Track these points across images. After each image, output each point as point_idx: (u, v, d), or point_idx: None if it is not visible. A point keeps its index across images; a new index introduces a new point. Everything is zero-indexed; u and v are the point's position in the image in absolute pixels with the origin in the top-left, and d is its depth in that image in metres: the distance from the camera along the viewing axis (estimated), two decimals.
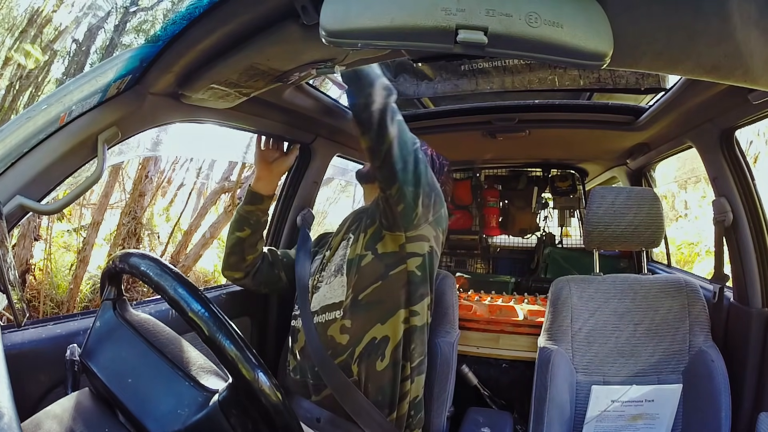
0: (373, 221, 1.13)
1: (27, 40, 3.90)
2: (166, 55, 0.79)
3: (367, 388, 1.05)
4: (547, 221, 2.72)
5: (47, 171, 0.77)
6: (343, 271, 1.11)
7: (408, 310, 1.08)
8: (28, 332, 0.87)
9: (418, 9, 0.53)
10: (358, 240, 1.14)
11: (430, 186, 1.07)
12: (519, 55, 0.56)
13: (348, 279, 1.09)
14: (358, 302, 1.07)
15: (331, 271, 1.15)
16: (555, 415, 1.20)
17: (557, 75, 1.17)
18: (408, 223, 1.06)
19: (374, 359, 1.05)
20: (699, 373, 1.22)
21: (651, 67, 0.68)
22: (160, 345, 0.64)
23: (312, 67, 0.87)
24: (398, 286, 1.08)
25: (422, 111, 1.70)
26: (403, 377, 1.08)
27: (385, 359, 1.05)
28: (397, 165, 0.98)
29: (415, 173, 1.01)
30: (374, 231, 1.12)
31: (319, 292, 1.14)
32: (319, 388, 1.07)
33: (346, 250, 1.15)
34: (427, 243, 1.11)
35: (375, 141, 0.96)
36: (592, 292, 1.35)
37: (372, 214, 1.15)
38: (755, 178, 1.21)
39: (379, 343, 1.05)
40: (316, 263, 1.24)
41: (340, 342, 1.06)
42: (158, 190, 5.40)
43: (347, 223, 1.24)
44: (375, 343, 1.05)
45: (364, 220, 1.17)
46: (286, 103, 1.23)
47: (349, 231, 1.20)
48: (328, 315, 1.09)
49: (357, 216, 1.23)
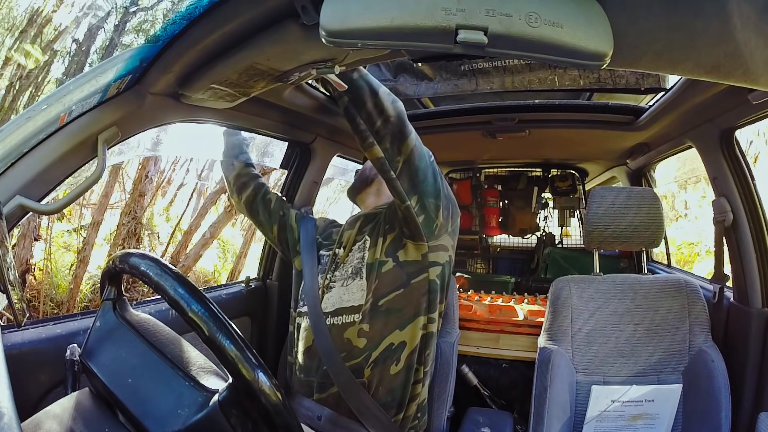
0: (393, 228, 1.10)
1: (27, 40, 3.90)
2: (166, 55, 0.79)
3: (377, 389, 1.04)
4: (547, 221, 2.72)
5: (47, 171, 0.77)
6: (362, 275, 1.08)
7: (427, 317, 1.08)
8: (28, 332, 0.87)
9: (418, 9, 0.53)
10: (376, 244, 1.10)
11: (447, 197, 1.06)
12: (519, 55, 0.56)
13: (368, 284, 1.06)
14: (378, 308, 1.05)
15: (347, 272, 1.11)
16: (555, 415, 1.20)
17: (557, 75, 1.17)
18: (430, 233, 1.05)
19: (389, 364, 1.04)
20: (699, 373, 1.22)
21: (651, 67, 0.68)
22: (160, 345, 0.64)
23: (312, 67, 0.87)
24: (419, 295, 1.07)
25: (422, 111, 1.70)
26: (415, 380, 1.08)
27: (399, 363, 1.05)
28: (415, 177, 0.97)
29: (435, 185, 1.01)
30: (394, 238, 1.09)
31: (333, 292, 1.11)
32: (323, 386, 1.06)
33: (364, 252, 1.11)
34: (447, 252, 1.11)
35: (391, 152, 0.95)
36: (592, 292, 1.35)
37: (389, 220, 1.12)
38: (755, 178, 1.21)
39: (396, 348, 1.05)
40: (325, 259, 1.18)
41: (356, 345, 1.04)
42: (158, 190, 5.42)
43: (359, 223, 1.18)
44: (392, 349, 1.05)
45: (382, 225, 1.13)
46: (286, 103, 1.22)
47: (363, 232, 1.16)
48: (345, 318, 1.07)
49: (369, 218, 1.19)
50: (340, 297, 1.09)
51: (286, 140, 1.53)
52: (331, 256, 1.17)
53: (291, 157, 1.61)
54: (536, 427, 1.20)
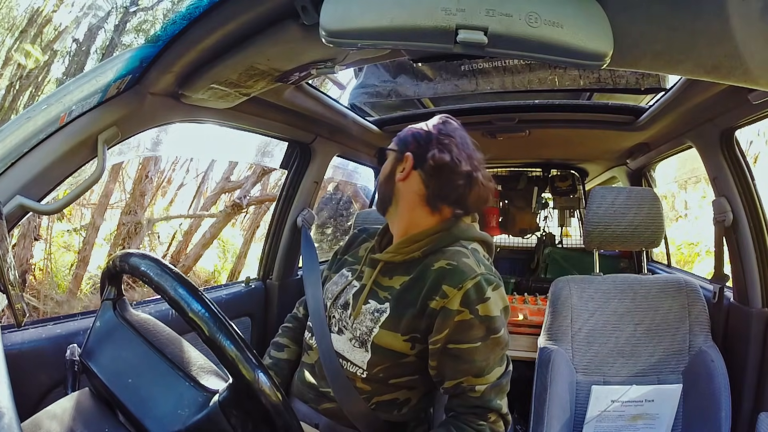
0: (420, 321, 0.84)
1: (27, 39, 3.91)
2: (166, 55, 0.79)
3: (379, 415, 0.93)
4: (547, 221, 2.72)
5: (47, 171, 0.77)
6: (367, 348, 0.88)
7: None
8: (28, 332, 0.87)
9: (418, 9, 0.53)
10: (398, 326, 0.86)
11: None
12: (519, 55, 0.56)
13: (371, 357, 0.88)
14: (384, 379, 0.89)
15: (355, 333, 0.90)
16: (555, 415, 1.20)
17: (557, 75, 1.17)
18: None
19: (392, 409, 0.92)
20: (699, 373, 1.22)
21: (651, 67, 0.68)
22: (160, 345, 0.64)
23: (312, 67, 0.87)
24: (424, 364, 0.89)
25: (422, 111, 1.70)
26: (419, 419, 0.97)
27: (403, 410, 0.92)
28: None
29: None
30: (413, 323, 0.85)
31: (343, 337, 0.92)
32: (324, 398, 0.94)
33: (375, 327, 0.87)
34: None
35: None
36: (592, 292, 1.35)
37: (423, 306, 0.84)
38: (755, 178, 1.21)
39: (402, 402, 0.92)
40: (344, 283, 0.98)
41: (361, 387, 0.90)
42: (158, 190, 5.42)
43: (385, 268, 0.92)
44: (397, 403, 0.91)
45: (409, 303, 0.86)
46: (286, 103, 1.22)
47: (384, 291, 0.90)
48: (350, 366, 0.90)
49: (400, 268, 0.91)
50: (343, 348, 0.92)
51: (286, 140, 1.53)
52: (349, 284, 0.96)
53: (291, 157, 1.61)
54: (536, 427, 1.20)
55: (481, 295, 0.81)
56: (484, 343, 0.81)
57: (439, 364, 0.84)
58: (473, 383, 0.81)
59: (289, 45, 0.76)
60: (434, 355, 0.84)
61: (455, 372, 0.82)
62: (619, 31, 0.55)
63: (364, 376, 0.89)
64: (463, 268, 0.82)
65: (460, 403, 0.84)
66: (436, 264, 0.85)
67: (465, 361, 0.81)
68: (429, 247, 0.88)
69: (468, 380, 0.81)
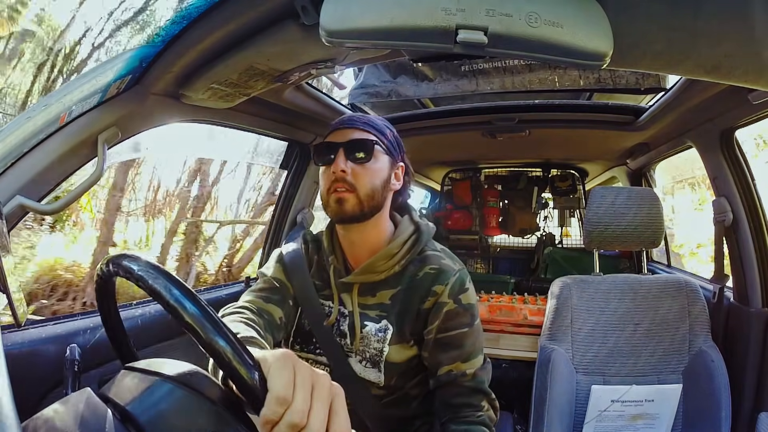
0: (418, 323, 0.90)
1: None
2: (166, 55, 0.79)
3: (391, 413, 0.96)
4: (547, 221, 2.72)
5: (47, 171, 0.77)
6: (380, 368, 0.89)
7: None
8: (28, 332, 0.87)
9: (418, 9, 0.53)
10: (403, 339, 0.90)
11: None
12: (519, 55, 0.56)
13: (386, 376, 0.90)
14: (398, 383, 0.92)
15: (364, 355, 0.90)
16: (555, 415, 1.20)
17: (557, 75, 1.17)
18: None
19: (404, 404, 0.96)
20: (699, 373, 1.22)
21: (651, 67, 0.68)
22: None
23: (312, 67, 0.87)
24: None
25: (422, 111, 1.70)
26: (428, 414, 1.00)
27: (413, 405, 0.97)
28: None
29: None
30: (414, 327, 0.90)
31: (349, 359, 0.92)
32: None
33: (384, 345, 0.88)
34: None
35: None
36: (592, 292, 1.35)
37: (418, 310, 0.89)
38: (755, 178, 1.21)
39: (413, 396, 0.97)
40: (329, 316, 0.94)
41: (376, 393, 0.93)
42: (208, 199, 5.98)
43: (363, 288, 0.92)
44: (409, 398, 0.96)
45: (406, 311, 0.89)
46: (286, 103, 1.22)
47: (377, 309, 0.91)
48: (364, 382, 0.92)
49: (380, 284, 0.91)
50: (356, 368, 0.92)
51: (286, 140, 1.53)
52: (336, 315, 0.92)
53: (291, 157, 1.61)
54: (536, 427, 1.20)
55: (462, 287, 0.90)
56: (470, 328, 0.89)
57: (431, 353, 0.90)
58: (463, 369, 0.88)
59: (289, 45, 0.76)
60: (427, 346, 0.90)
61: (448, 358, 0.88)
62: (619, 31, 0.55)
63: (381, 385, 0.92)
64: (445, 269, 0.90)
65: (456, 392, 0.89)
66: (421, 273, 0.90)
67: (455, 347, 0.88)
68: (407, 258, 0.90)
69: (457, 366, 0.88)
